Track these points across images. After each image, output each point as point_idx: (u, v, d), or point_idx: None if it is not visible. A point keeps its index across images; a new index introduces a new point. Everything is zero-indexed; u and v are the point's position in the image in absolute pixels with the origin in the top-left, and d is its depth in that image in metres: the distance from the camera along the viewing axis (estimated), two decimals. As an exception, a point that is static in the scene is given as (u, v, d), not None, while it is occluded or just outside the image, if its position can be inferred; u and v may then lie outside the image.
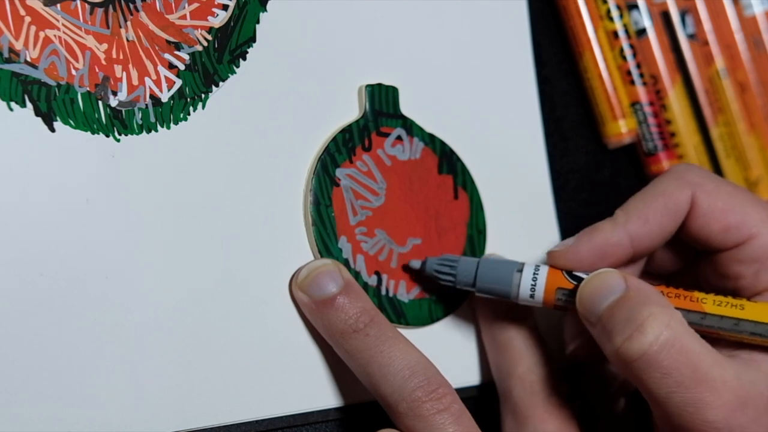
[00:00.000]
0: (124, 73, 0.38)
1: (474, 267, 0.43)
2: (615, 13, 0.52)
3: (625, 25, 0.52)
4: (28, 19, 0.36)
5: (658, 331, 0.38)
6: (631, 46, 0.52)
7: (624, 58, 0.52)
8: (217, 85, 0.40)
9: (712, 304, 0.41)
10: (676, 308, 0.40)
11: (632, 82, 0.52)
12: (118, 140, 0.38)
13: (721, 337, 0.41)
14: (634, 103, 0.53)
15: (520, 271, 0.42)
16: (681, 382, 0.38)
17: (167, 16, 0.40)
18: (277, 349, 0.41)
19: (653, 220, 0.42)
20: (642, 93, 0.53)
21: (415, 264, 0.44)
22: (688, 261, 0.45)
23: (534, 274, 0.42)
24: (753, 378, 0.40)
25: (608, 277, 0.40)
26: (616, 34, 0.52)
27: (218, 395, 0.39)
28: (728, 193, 0.42)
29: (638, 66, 0.52)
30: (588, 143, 0.53)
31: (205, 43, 0.40)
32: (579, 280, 0.42)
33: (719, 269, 0.43)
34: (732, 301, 0.41)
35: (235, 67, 0.41)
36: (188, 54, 0.40)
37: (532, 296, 0.42)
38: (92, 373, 0.36)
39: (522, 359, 0.44)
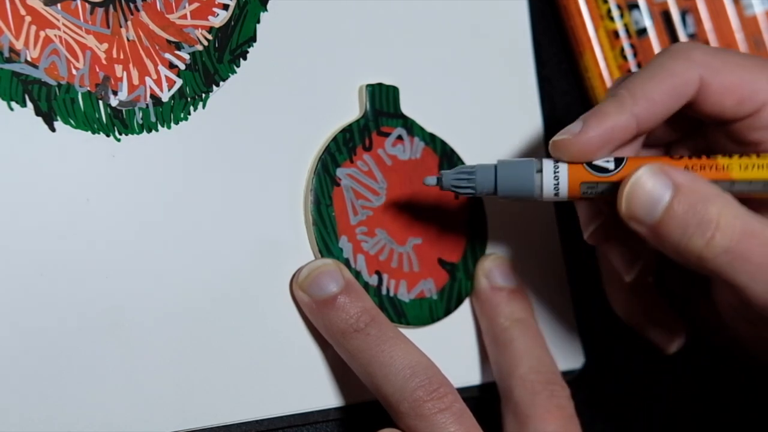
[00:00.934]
0: (125, 73, 0.38)
1: (492, 173, 0.42)
2: (615, 13, 0.52)
3: (625, 25, 0.52)
4: (28, 18, 0.36)
5: (732, 223, 0.39)
6: (632, 46, 0.52)
7: (625, 57, 0.52)
8: (217, 85, 0.40)
9: (738, 169, 0.41)
10: (737, 181, 0.40)
11: (633, 82, 0.52)
12: (119, 140, 0.38)
13: (752, 198, 0.41)
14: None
15: (540, 171, 0.41)
16: (761, 263, 0.39)
17: (168, 16, 0.40)
18: (277, 349, 0.41)
19: (660, 102, 0.41)
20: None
21: (431, 180, 0.42)
22: (689, 130, 0.45)
23: (555, 172, 0.41)
24: None
25: (653, 180, 0.40)
26: (616, 34, 0.52)
27: (218, 395, 0.39)
28: (737, 65, 0.42)
29: (639, 66, 0.52)
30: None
31: (206, 43, 0.40)
32: (601, 170, 0.41)
33: (735, 137, 0.43)
34: (757, 161, 0.41)
35: (235, 67, 0.41)
36: (189, 54, 0.40)
37: (556, 194, 0.41)
38: (92, 373, 0.36)
39: (523, 359, 0.44)
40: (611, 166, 0.41)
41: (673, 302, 0.49)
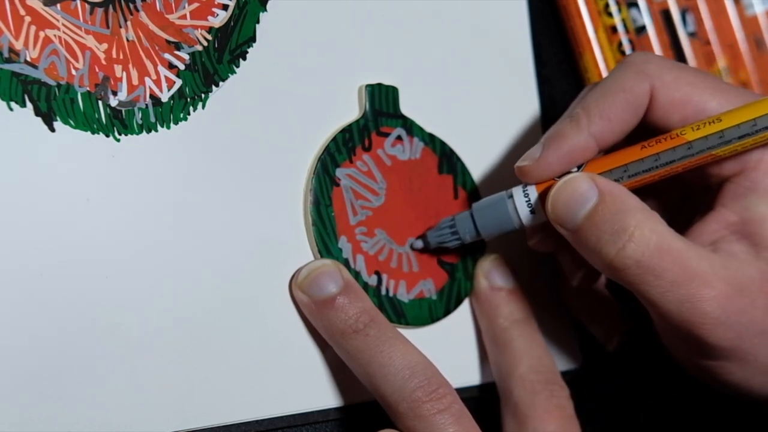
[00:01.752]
0: (124, 73, 0.38)
1: (470, 219, 0.44)
2: (614, 9, 0.52)
3: (623, 20, 0.52)
4: (28, 18, 0.36)
5: (648, 237, 0.39)
6: (630, 41, 0.52)
7: (623, 53, 0.52)
8: (217, 85, 0.40)
9: (691, 131, 0.41)
10: (663, 151, 0.41)
11: (631, 79, 0.52)
12: (118, 140, 0.38)
13: (717, 158, 0.41)
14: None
15: (511, 197, 0.43)
16: (674, 281, 0.40)
17: (167, 16, 0.40)
18: (277, 349, 0.41)
19: (615, 118, 0.42)
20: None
21: (417, 244, 0.44)
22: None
23: (525, 194, 0.42)
24: (740, 266, 0.41)
25: (579, 184, 0.41)
26: (614, 29, 0.52)
27: (218, 395, 0.39)
28: (688, 83, 0.42)
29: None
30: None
31: (205, 43, 0.40)
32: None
33: None
34: (707, 120, 0.41)
35: (235, 67, 0.41)
36: (188, 54, 0.40)
37: (533, 214, 0.43)
38: (92, 373, 0.36)
39: (522, 359, 0.44)
40: (574, 169, 0.42)
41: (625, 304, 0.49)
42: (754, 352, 0.42)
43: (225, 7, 0.41)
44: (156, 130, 0.39)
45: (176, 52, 0.40)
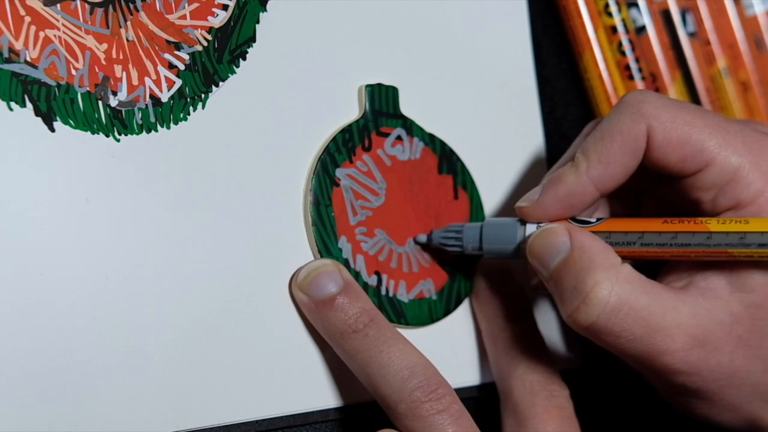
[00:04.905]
0: (124, 73, 0.38)
1: (479, 231, 0.44)
2: (613, 9, 0.52)
3: (623, 20, 0.52)
4: (28, 19, 0.37)
5: (604, 300, 0.39)
6: (630, 41, 0.52)
7: (623, 53, 0.52)
8: (217, 85, 0.40)
9: (716, 223, 0.41)
10: (682, 232, 0.41)
11: (631, 77, 0.52)
12: (118, 140, 0.38)
13: (731, 257, 0.41)
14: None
15: (524, 224, 0.43)
16: (633, 339, 0.40)
17: (167, 16, 0.40)
18: (277, 349, 0.41)
19: (614, 162, 0.42)
20: (641, 88, 0.53)
21: (422, 238, 0.45)
22: (654, 180, 0.45)
23: (538, 227, 0.42)
24: (710, 308, 0.41)
25: (553, 235, 0.41)
26: (614, 29, 0.52)
27: (218, 395, 0.39)
28: (685, 123, 0.41)
29: (637, 60, 0.52)
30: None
31: (205, 43, 0.40)
32: (581, 222, 0.42)
33: (680, 194, 0.43)
34: (735, 218, 0.41)
35: (235, 67, 0.41)
36: (188, 54, 0.40)
37: None
38: (92, 373, 0.36)
39: (522, 359, 0.44)
40: (593, 219, 0.42)
41: None
42: (721, 393, 0.42)
43: (225, 7, 0.41)
44: (156, 130, 0.39)
45: (176, 52, 0.40)
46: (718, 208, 0.42)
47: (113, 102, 0.38)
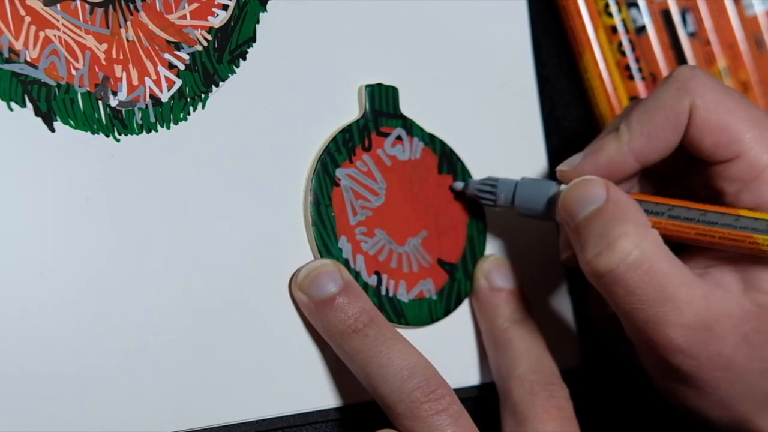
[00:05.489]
0: (124, 73, 0.38)
1: (513, 187, 0.44)
2: (614, 9, 0.52)
3: (623, 20, 0.52)
4: (28, 19, 0.37)
5: (628, 251, 0.39)
6: (630, 41, 0.52)
7: (623, 53, 0.52)
8: (217, 85, 0.40)
9: (746, 211, 0.41)
10: (711, 211, 0.41)
11: (631, 77, 0.52)
12: (118, 140, 0.38)
13: (754, 245, 0.41)
14: (633, 98, 0.53)
15: (559, 185, 0.43)
16: (644, 300, 0.40)
17: (167, 16, 0.40)
18: (277, 349, 0.41)
19: (656, 136, 0.42)
20: (641, 88, 0.53)
21: (458, 185, 0.46)
22: (686, 165, 0.45)
23: None
24: (722, 298, 0.41)
25: (591, 186, 0.41)
26: (614, 29, 0.52)
27: (218, 395, 0.39)
28: (727, 110, 0.41)
29: (637, 60, 0.52)
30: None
31: (205, 43, 0.40)
32: None
33: (705, 181, 0.43)
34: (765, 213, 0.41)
35: (235, 67, 0.41)
36: (188, 54, 0.40)
37: None
38: (92, 373, 0.36)
39: (522, 359, 0.44)
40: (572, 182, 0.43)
41: None
42: (714, 385, 0.42)
43: (225, 7, 0.41)
44: (156, 130, 0.39)
45: (176, 52, 0.40)
46: (740, 203, 0.42)
47: (113, 102, 0.38)
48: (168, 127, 0.39)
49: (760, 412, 0.43)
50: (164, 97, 0.39)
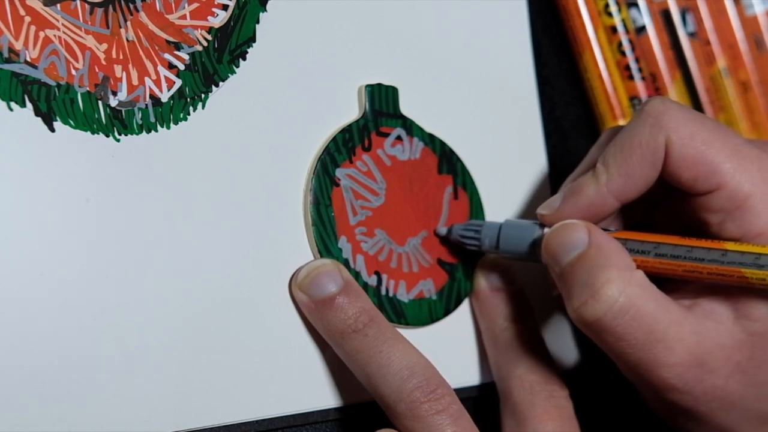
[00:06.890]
0: (124, 73, 0.38)
1: (497, 231, 0.44)
2: (613, 9, 0.52)
3: (623, 20, 0.52)
4: (28, 19, 0.37)
5: (613, 298, 0.39)
6: (630, 41, 0.52)
7: (623, 53, 0.52)
8: (217, 85, 0.40)
9: (733, 244, 0.40)
10: (697, 247, 0.40)
11: (631, 77, 0.52)
12: (118, 140, 0.38)
13: (742, 279, 0.40)
14: (633, 98, 0.53)
15: (543, 227, 0.43)
16: (634, 344, 0.40)
17: (167, 16, 0.40)
18: (277, 349, 0.41)
19: (633, 174, 0.42)
20: (641, 88, 0.53)
21: (442, 231, 0.45)
22: (668, 192, 0.45)
23: None
24: (712, 330, 0.41)
25: (572, 231, 0.41)
26: (614, 29, 0.52)
27: (218, 395, 0.39)
28: (703, 142, 0.41)
29: (637, 60, 0.52)
30: (588, 143, 0.53)
31: (205, 43, 0.40)
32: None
33: (688, 212, 0.43)
34: (755, 244, 0.41)
35: (235, 67, 0.41)
36: (188, 54, 0.40)
37: None
38: (92, 373, 0.36)
39: (522, 359, 0.44)
40: (611, 228, 0.43)
41: None
42: (711, 415, 0.42)
43: (225, 7, 0.41)
44: (156, 130, 0.39)
45: (176, 52, 0.40)
46: (723, 233, 0.42)
47: (113, 102, 0.38)
48: (168, 127, 0.39)
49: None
50: (164, 97, 0.39)
